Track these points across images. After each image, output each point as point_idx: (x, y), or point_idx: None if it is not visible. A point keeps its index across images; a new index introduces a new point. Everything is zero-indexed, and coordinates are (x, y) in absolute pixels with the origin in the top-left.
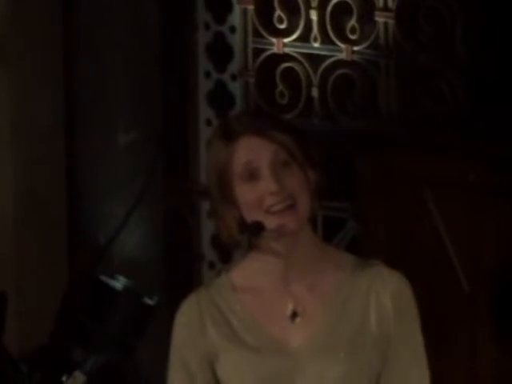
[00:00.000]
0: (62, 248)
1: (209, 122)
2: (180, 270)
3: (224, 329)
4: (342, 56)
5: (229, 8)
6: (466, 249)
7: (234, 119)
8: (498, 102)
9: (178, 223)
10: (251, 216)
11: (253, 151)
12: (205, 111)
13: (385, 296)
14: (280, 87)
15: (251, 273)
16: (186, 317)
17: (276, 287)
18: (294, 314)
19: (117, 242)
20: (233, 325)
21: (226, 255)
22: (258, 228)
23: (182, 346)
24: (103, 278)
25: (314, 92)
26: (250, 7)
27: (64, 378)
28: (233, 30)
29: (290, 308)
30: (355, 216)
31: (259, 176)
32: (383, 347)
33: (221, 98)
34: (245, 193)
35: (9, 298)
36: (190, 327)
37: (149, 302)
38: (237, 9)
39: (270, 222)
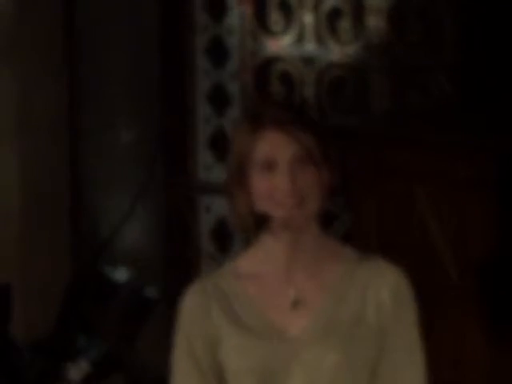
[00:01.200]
0: (65, 240)
1: (207, 120)
2: (179, 262)
3: (228, 313)
4: (335, 57)
5: (226, 10)
6: (453, 240)
7: (262, 109)
8: (485, 98)
9: (177, 217)
10: (261, 205)
11: (275, 145)
12: (203, 110)
13: (383, 290)
14: (275, 87)
15: (256, 261)
16: (193, 300)
17: (279, 276)
18: (295, 302)
19: (119, 235)
20: (236, 310)
21: (224, 248)
22: (263, 219)
23: (189, 328)
24: (105, 269)
25: (308, 92)
26: (247, 10)
27: (68, 366)
28: (230, 32)
29: (291, 296)
30: (347, 210)
31: (276, 169)
32: (379, 340)
33: (219, 97)
34: (260, 182)
35: (14, 288)
36: (197, 310)
37: (149, 293)
38: (234, 11)
39: (278, 214)
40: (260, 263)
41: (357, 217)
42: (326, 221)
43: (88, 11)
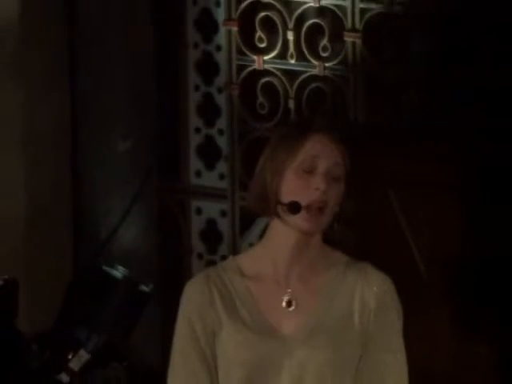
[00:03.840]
0: (67, 241)
1: (197, 130)
2: (171, 260)
3: (228, 307)
4: (315, 71)
5: (215, 29)
6: (424, 241)
7: (315, 117)
8: (451, 110)
9: (169, 219)
10: (289, 197)
11: (323, 150)
12: (194, 120)
13: (369, 295)
14: (261, 99)
15: (258, 261)
16: (197, 288)
17: (277, 278)
18: (289, 303)
19: (116, 236)
20: (236, 303)
21: (213, 248)
22: (296, 207)
23: (190, 313)
24: (104, 267)
25: (291, 103)
26: (234, 28)
27: (70, 356)
28: (219, 48)
29: (286, 298)
30: None
31: (315, 172)
32: (364, 341)
33: (208, 109)
34: (297, 179)
35: (20, 285)
36: (200, 298)
37: (144, 288)
38: (222, 30)
39: (302, 223)
40: (262, 263)
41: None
42: None
43: (89, 32)
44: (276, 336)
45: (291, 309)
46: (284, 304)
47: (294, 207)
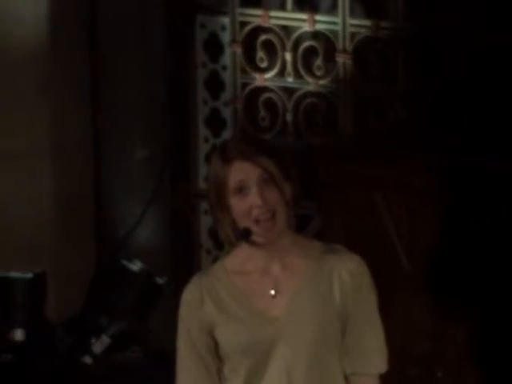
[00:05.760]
0: (90, 239)
1: (206, 140)
2: (183, 255)
3: (219, 304)
4: (310, 88)
5: (221, 50)
6: (406, 238)
7: (230, 145)
8: (432, 121)
9: (181, 219)
10: (242, 222)
11: (243, 173)
12: (203, 131)
13: (345, 274)
14: (262, 113)
15: (241, 259)
16: (190, 295)
17: (259, 270)
18: (274, 292)
19: (134, 234)
20: (226, 300)
21: (220, 244)
22: (247, 234)
23: (187, 318)
24: (123, 262)
25: (288, 116)
26: (238, 50)
27: (93, 340)
28: (225, 67)
29: (270, 286)
30: (319, 213)
31: (248, 192)
32: (344, 316)
33: (215, 121)
34: (237, 204)
35: (49, 277)
36: (193, 303)
37: (159, 281)
38: (228, 51)
39: (256, 229)
40: (244, 261)
41: (327, 218)
42: (301, 223)
43: (109, 54)
44: (266, 320)
45: (277, 295)
46: (269, 292)
47: (245, 235)
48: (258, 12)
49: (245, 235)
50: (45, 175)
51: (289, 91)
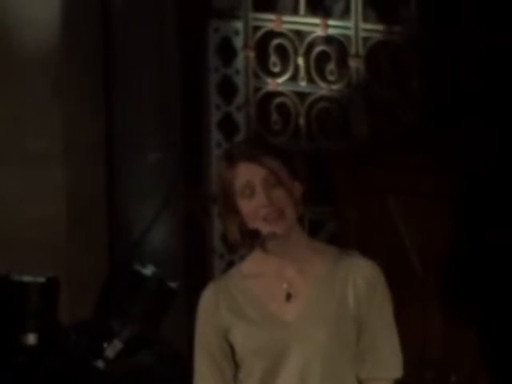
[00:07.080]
0: (104, 242)
1: (219, 145)
2: (196, 260)
3: (235, 308)
4: (323, 92)
5: (234, 55)
6: (419, 243)
7: (235, 148)
8: (443, 126)
9: (194, 223)
10: (251, 223)
11: (249, 174)
12: (215, 136)
13: (360, 279)
14: (274, 117)
15: (256, 264)
16: (206, 301)
17: (274, 274)
18: (288, 295)
19: (147, 238)
20: (241, 304)
21: (233, 249)
22: (254, 234)
23: (203, 324)
24: (136, 266)
25: (301, 120)
26: (251, 54)
27: (105, 345)
28: (237, 72)
29: (284, 290)
30: (332, 218)
31: (254, 193)
32: (358, 320)
33: (228, 125)
34: (244, 205)
35: (62, 281)
36: (209, 309)
37: (171, 285)
38: (240, 56)
39: (265, 229)
40: (259, 265)
41: (341, 223)
42: (315, 228)
43: (123, 58)
44: (280, 324)
45: (291, 299)
46: (284, 295)
47: (254, 236)
48: (271, 17)
49: (252, 236)
50: (57, 177)
51: (301, 96)
